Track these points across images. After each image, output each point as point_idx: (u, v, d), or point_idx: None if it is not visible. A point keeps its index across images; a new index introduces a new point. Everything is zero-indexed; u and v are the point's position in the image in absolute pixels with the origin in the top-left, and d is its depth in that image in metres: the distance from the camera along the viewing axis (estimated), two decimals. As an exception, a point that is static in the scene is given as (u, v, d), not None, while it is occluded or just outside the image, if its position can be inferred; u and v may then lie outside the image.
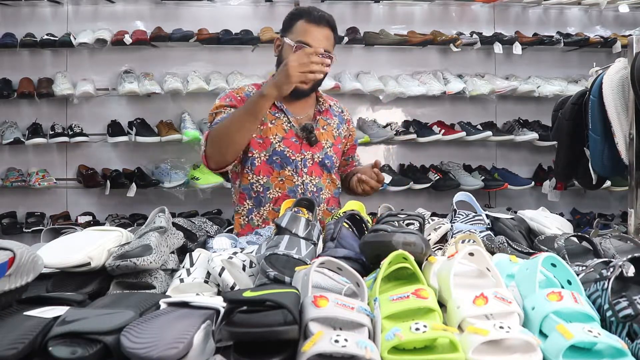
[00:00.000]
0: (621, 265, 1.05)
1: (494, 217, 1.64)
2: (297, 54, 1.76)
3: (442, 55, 4.02)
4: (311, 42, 1.91)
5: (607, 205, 4.02)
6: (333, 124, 2.14)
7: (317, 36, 1.93)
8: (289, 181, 2.02)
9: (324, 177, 2.07)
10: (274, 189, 2.02)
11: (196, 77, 3.65)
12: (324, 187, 2.07)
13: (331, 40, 1.99)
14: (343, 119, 2.20)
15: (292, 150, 2.03)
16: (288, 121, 2.05)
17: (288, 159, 2.02)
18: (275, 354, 0.86)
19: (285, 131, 2.03)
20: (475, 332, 0.87)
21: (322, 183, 2.06)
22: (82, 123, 3.69)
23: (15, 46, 3.56)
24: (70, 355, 0.83)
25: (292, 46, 1.92)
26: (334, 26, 2.00)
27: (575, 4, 3.95)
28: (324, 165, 2.07)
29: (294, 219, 1.34)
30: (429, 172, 3.87)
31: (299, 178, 2.02)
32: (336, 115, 2.18)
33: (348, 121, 2.23)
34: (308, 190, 2.02)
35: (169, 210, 1.50)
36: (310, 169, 2.04)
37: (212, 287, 1.22)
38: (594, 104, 2.20)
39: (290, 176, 2.02)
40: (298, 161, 2.03)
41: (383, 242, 1.16)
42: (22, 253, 1.01)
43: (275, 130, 2.02)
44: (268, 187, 2.03)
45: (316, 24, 1.94)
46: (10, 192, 3.67)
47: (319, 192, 2.05)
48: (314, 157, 2.05)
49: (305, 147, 2.03)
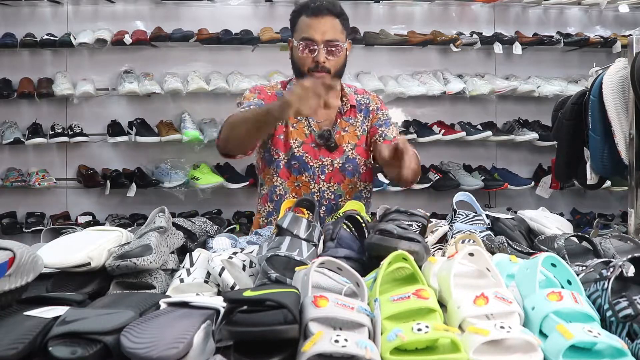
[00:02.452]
0: (621, 265, 1.05)
1: (494, 217, 1.63)
2: (295, 89, 1.63)
3: (442, 55, 4.01)
4: (313, 36, 1.87)
5: (607, 205, 4.02)
6: (357, 123, 2.05)
7: (320, 28, 1.87)
8: (306, 187, 1.98)
9: (345, 182, 2.00)
10: (291, 194, 1.98)
11: (196, 77, 3.65)
12: (344, 194, 2.00)
13: (337, 28, 1.90)
14: (369, 111, 2.08)
15: (310, 156, 1.98)
16: (309, 125, 2.00)
17: (306, 164, 1.98)
18: (275, 353, 0.86)
19: (305, 135, 1.99)
20: (475, 332, 0.86)
21: (342, 189, 2.00)
22: (82, 123, 3.69)
23: (15, 46, 3.57)
24: (70, 355, 0.83)
25: (298, 46, 1.89)
26: (338, 12, 1.91)
27: (575, 4, 3.95)
28: (345, 170, 2.00)
29: (295, 220, 1.33)
30: (429, 172, 3.86)
31: (316, 185, 1.98)
32: (362, 110, 2.07)
33: (373, 111, 2.09)
34: (325, 198, 1.98)
35: (169, 210, 1.50)
36: (329, 175, 1.98)
37: (212, 287, 1.21)
38: (594, 104, 2.21)
39: (307, 182, 1.98)
40: (316, 168, 1.98)
41: (388, 248, 1.18)
42: (22, 253, 1.01)
43: (295, 134, 1.98)
44: (285, 192, 2.00)
45: (316, 16, 1.88)
46: (10, 192, 3.68)
47: (337, 199, 1.99)
48: (333, 163, 1.98)
49: (324, 152, 1.98)
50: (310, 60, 1.89)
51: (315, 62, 1.88)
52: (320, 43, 1.87)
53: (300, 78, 1.92)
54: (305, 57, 1.90)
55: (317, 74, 1.88)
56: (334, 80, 1.80)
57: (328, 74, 1.88)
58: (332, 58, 1.89)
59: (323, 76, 1.85)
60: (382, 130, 2.05)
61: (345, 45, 1.94)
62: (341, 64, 1.94)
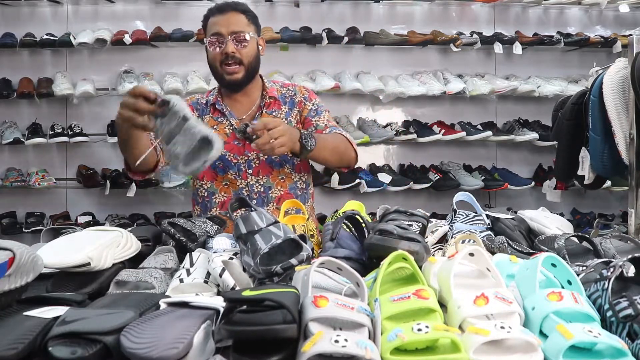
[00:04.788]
0: (621, 266, 1.05)
1: (494, 217, 1.63)
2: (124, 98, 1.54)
3: (442, 55, 4.02)
4: (220, 30, 1.93)
5: (607, 205, 4.02)
6: (281, 115, 2.06)
7: (223, 23, 1.95)
8: (233, 185, 2.02)
9: (274, 174, 2.03)
10: (220, 193, 2.03)
11: (196, 77, 3.65)
12: (274, 185, 2.03)
13: (243, 22, 1.97)
14: (294, 103, 2.10)
15: (235, 154, 2.01)
16: (230, 124, 2.04)
17: (230, 162, 2.01)
18: (274, 353, 0.86)
19: (227, 135, 2.03)
20: (476, 333, 0.86)
21: (272, 181, 2.03)
22: (82, 123, 3.69)
23: (15, 46, 3.57)
24: (70, 355, 0.83)
25: (208, 44, 1.96)
26: (242, 9, 2.00)
27: (576, 3, 3.95)
28: (273, 161, 2.02)
29: (246, 220, 1.32)
30: (429, 172, 3.87)
31: (243, 180, 2.01)
32: (286, 102, 2.09)
33: (300, 102, 2.10)
34: (254, 191, 2.01)
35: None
36: (257, 169, 2.01)
37: (212, 287, 1.21)
38: (594, 104, 2.20)
39: (234, 179, 2.02)
40: (241, 164, 2.01)
41: (388, 248, 1.19)
42: (22, 253, 1.01)
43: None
44: (213, 192, 2.04)
45: (221, 13, 1.97)
46: (10, 192, 3.67)
47: (267, 191, 2.02)
48: (259, 156, 2.01)
49: (249, 148, 1.97)
50: (219, 54, 1.95)
51: (225, 54, 1.94)
52: (227, 35, 1.93)
53: (218, 78, 2.00)
54: (216, 53, 1.96)
55: (229, 67, 1.94)
56: (247, 79, 1.96)
57: (241, 66, 1.95)
58: (241, 49, 1.94)
59: (235, 70, 1.94)
60: (314, 120, 2.07)
61: (254, 37, 1.98)
62: (253, 56, 1.98)
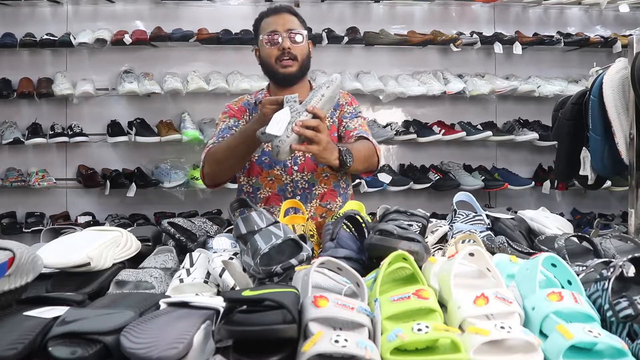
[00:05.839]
0: (621, 266, 1.05)
1: (494, 217, 1.63)
2: (265, 101, 1.71)
3: (442, 55, 4.01)
4: (276, 28, 1.97)
5: (607, 205, 4.02)
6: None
7: (280, 22, 1.99)
8: (278, 180, 2.03)
9: (318, 171, 2.04)
10: (264, 188, 2.04)
11: (196, 77, 3.65)
12: (317, 182, 2.05)
13: (296, 22, 2.03)
14: (338, 105, 2.14)
15: None
16: None
17: None
18: (274, 353, 0.85)
19: None
20: (476, 333, 0.86)
21: (316, 178, 2.05)
22: (82, 123, 3.69)
23: (15, 46, 3.57)
24: (70, 355, 0.83)
25: (263, 42, 1.99)
26: (294, 12, 2.07)
27: (576, 3, 3.95)
28: None
29: (246, 221, 1.33)
30: (429, 172, 3.87)
31: (288, 176, 2.02)
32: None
33: (342, 105, 2.14)
34: (298, 187, 2.02)
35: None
36: (302, 165, 2.03)
37: (212, 287, 1.21)
38: (594, 104, 2.20)
39: (279, 175, 2.03)
40: (288, 160, 2.02)
41: (388, 248, 1.19)
42: (22, 253, 1.01)
43: None
44: (258, 188, 2.05)
45: (275, 14, 2.03)
46: (10, 192, 3.67)
47: (311, 187, 2.04)
48: (305, 153, 2.00)
49: None
50: (276, 50, 1.98)
51: (282, 49, 1.97)
52: (283, 32, 1.97)
53: (272, 73, 2.02)
54: (271, 50, 1.99)
55: (284, 62, 1.97)
56: (301, 73, 1.99)
57: (295, 61, 1.98)
58: (296, 45, 1.98)
59: (290, 64, 1.97)
60: (346, 121, 2.12)
61: (306, 37, 2.02)
62: (306, 54, 2.02)
